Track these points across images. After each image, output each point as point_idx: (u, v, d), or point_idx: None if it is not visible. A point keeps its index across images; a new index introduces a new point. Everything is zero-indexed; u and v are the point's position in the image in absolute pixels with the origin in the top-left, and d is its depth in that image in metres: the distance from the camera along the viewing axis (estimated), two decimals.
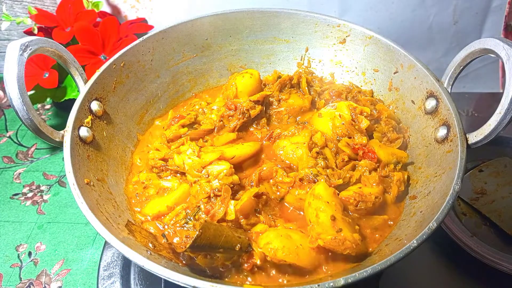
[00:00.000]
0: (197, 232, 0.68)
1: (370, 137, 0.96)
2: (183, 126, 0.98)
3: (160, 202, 0.86)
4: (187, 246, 0.69)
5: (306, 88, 1.08)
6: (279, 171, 0.88)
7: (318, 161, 0.88)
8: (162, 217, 0.85)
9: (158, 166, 0.92)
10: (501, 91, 1.52)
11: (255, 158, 0.94)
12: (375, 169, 0.89)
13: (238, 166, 0.91)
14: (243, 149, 0.91)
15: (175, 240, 0.81)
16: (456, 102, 0.86)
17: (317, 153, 0.90)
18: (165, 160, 0.92)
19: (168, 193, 0.88)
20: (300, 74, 1.09)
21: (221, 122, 0.99)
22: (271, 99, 1.04)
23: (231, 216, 0.78)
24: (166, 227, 0.83)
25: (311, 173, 0.85)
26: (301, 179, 0.85)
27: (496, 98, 0.74)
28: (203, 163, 0.86)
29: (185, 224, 0.82)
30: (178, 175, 0.91)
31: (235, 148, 0.91)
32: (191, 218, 0.81)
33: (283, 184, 0.86)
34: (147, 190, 0.90)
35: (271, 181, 0.88)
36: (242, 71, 1.07)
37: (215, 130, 0.98)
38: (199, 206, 0.82)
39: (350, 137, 0.92)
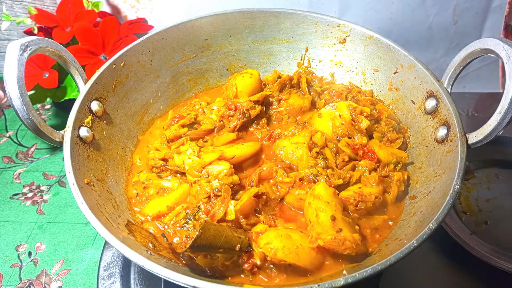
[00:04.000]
0: (197, 232, 0.68)
1: (370, 137, 0.96)
2: (183, 126, 0.98)
3: (160, 202, 0.86)
4: (187, 246, 0.69)
5: (306, 88, 1.08)
6: (279, 171, 0.87)
7: (318, 161, 0.88)
8: (162, 217, 0.85)
9: (158, 166, 0.92)
10: (501, 91, 1.51)
11: (255, 158, 0.94)
12: (375, 169, 0.89)
13: (238, 166, 0.91)
14: (243, 149, 0.91)
15: (175, 240, 0.81)
16: (456, 102, 0.86)
17: (317, 153, 0.90)
18: (165, 160, 0.92)
19: (168, 193, 0.88)
20: (300, 74, 1.09)
21: (221, 122, 0.99)
22: (271, 99, 1.04)
23: (231, 216, 0.78)
24: (166, 227, 0.83)
25: (311, 173, 0.85)
26: (301, 179, 0.85)
27: (496, 98, 0.74)
28: (203, 163, 0.86)
29: (185, 224, 0.82)
30: (178, 175, 0.91)
31: (235, 148, 0.91)
32: (191, 218, 0.81)
33: (283, 184, 0.86)
34: (147, 190, 0.90)
35: (271, 181, 0.88)
36: (242, 71, 1.08)
37: (215, 130, 0.98)
38: (199, 206, 0.82)
39: (350, 137, 0.92)
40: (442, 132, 0.87)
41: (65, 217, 1.17)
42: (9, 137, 1.41)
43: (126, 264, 1.01)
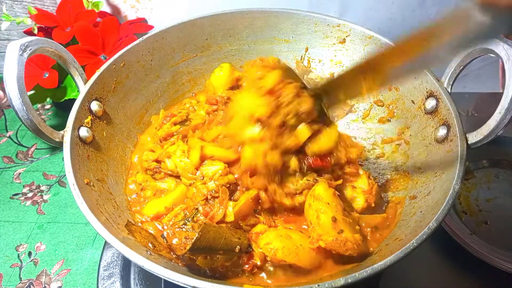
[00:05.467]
0: (197, 235, 0.68)
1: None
2: (175, 124, 0.98)
3: (158, 203, 0.86)
4: (187, 248, 0.69)
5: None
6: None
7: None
8: (161, 218, 0.85)
9: (152, 168, 0.91)
10: (501, 91, 1.51)
11: None
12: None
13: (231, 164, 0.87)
14: (222, 153, 0.86)
15: (174, 241, 0.81)
16: (456, 102, 0.86)
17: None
18: (158, 161, 0.91)
19: (166, 194, 0.88)
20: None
21: (210, 116, 0.98)
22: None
23: (230, 218, 0.78)
24: (165, 227, 0.83)
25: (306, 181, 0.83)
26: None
27: (496, 98, 0.74)
28: (196, 164, 0.85)
29: (183, 226, 0.81)
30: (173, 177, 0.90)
31: (216, 149, 0.87)
32: (189, 219, 0.81)
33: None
34: (144, 191, 0.90)
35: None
36: (215, 68, 1.10)
37: (206, 123, 0.97)
38: (197, 208, 0.82)
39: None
40: (442, 132, 0.87)
41: (65, 217, 1.17)
42: (9, 137, 1.41)
43: (126, 264, 1.01)
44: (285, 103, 0.78)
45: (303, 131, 0.79)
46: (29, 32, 1.32)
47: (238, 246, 0.73)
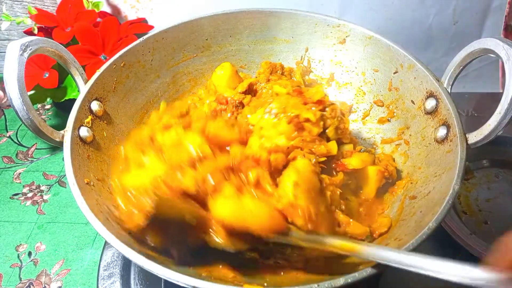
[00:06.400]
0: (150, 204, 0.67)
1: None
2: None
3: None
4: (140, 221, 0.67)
5: (302, 79, 1.10)
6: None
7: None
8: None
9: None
10: (501, 91, 1.51)
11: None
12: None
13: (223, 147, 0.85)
14: (225, 132, 0.84)
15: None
16: (456, 102, 0.86)
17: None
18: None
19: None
20: (295, 70, 1.12)
21: (213, 114, 0.98)
22: (258, 84, 1.03)
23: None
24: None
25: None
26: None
27: (496, 98, 0.74)
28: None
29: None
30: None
31: (219, 127, 0.84)
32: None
33: None
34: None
35: None
36: (216, 68, 1.09)
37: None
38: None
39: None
40: (442, 132, 0.87)
41: (65, 217, 1.17)
42: (9, 137, 1.41)
43: (126, 264, 1.01)
44: (330, 117, 0.85)
45: (334, 145, 0.86)
46: (29, 32, 1.32)
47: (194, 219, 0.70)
